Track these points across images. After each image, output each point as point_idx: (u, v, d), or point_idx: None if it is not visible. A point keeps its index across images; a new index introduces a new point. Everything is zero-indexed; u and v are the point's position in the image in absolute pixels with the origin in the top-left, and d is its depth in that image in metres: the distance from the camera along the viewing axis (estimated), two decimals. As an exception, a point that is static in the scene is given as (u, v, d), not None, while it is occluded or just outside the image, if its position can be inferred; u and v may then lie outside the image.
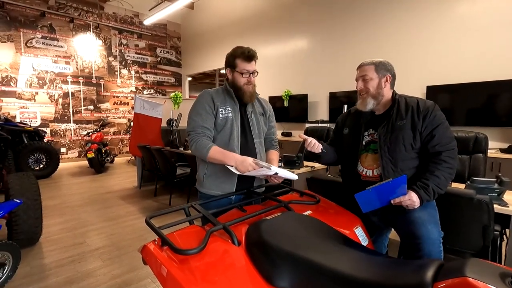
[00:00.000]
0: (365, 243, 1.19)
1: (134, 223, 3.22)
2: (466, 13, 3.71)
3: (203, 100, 1.49)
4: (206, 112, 1.46)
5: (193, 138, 1.45)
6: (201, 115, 1.47)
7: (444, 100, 3.82)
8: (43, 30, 6.72)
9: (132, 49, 8.21)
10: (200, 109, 1.48)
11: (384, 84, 1.39)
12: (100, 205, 3.88)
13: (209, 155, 1.40)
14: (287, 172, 1.38)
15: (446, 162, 1.27)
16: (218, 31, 7.60)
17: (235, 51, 1.49)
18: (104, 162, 6.35)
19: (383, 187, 1.20)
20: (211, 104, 1.48)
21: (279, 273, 0.88)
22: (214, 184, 1.49)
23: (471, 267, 0.67)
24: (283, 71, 6.06)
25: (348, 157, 1.49)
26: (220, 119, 1.48)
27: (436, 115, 1.30)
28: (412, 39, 4.20)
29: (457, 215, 1.56)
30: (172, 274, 0.86)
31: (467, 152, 2.22)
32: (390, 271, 0.81)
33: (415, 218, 1.25)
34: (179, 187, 4.47)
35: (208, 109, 1.47)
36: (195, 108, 1.50)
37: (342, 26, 5.03)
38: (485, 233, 1.53)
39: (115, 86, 7.95)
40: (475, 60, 3.67)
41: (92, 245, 2.68)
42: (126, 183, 5.15)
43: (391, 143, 1.33)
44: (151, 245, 0.99)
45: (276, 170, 1.30)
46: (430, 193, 1.24)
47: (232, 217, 1.16)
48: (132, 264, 2.33)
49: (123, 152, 8.13)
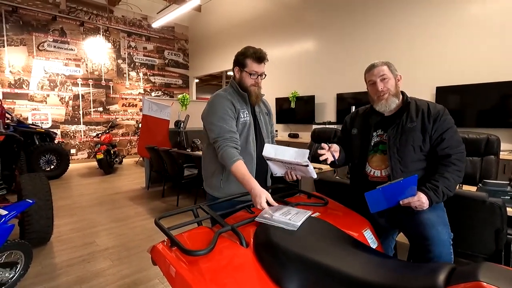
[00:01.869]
0: (374, 245, 1.18)
1: (143, 224, 3.25)
2: (478, 13, 3.65)
3: (224, 104, 1.43)
4: (229, 116, 1.42)
5: (221, 145, 1.36)
6: (225, 120, 1.40)
7: (454, 101, 3.76)
8: (55, 34, 6.87)
9: (140, 52, 8.33)
10: (223, 113, 1.41)
11: (397, 83, 1.40)
12: (109, 206, 3.93)
13: (231, 169, 1.33)
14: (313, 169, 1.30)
15: (455, 164, 1.27)
16: (225, 33, 7.64)
17: (246, 50, 1.47)
18: (112, 163, 6.43)
19: (393, 187, 1.19)
20: (232, 108, 1.44)
21: (287, 275, 0.88)
22: (232, 188, 1.46)
23: (485, 272, 0.66)
24: (290, 73, 6.05)
25: (357, 157, 1.48)
26: (240, 123, 1.45)
27: (446, 119, 1.31)
28: (421, 40, 4.15)
29: (469, 219, 1.53)
30: (181, 275, 0.87)
31: (479, 154, 2.18)
32: (401, 274, 0.80)
33: (424, 220, 1.24)
34: (186, 188, 4.50)
35: (231, 113, 1.43)
36: (216, 113, 1.42)
37: (349, 28, 5.00)
38: (497, 237, 1.50)
39: (123, 88, 8.07)
40: (486, 60, 3.60)
41: (101, 245, 2.72)
42: (134, 184, 5.21)
43: (401, 145, 1.33)
44: (160, 246, 1.00)
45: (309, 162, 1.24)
46: (440, 195, 1.23)
47: (240, 218, 1.16)
48: (140, 264, 2.35)
49: (131, 153, 8.23)
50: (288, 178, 1.41)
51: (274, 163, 1.38)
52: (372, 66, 1.41)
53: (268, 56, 1.52)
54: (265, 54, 1.47)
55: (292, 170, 1.36)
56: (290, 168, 1.35)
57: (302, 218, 1.08)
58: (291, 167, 1.35)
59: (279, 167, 1.39)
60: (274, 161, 1.36)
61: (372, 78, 1.40)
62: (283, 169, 1.39)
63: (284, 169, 1.39)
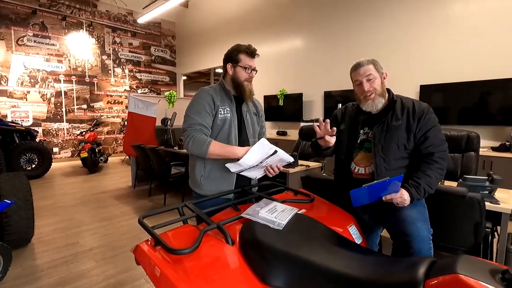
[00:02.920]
0: (359, 241, 1.20)
1: (129, 223, 3.19)
2: (460, 13, 3.75)
3: (203, 100, 1.44)
4: (205, 111, 1.42)
5: (190, 134, 1.38)
6: (200, 114, 1.41)
7: (437, 99, 3.86)
8: (35, 28, 6.62)
9: (126, 48, 8.14)
10: (200, 108, 1.42)
11: (383, 82, 1.41)
12: (93, 205, 3.84)
13: (209, 151, 1.34)
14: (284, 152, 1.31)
15: (437, 163, 1.30)
16: (213, 29, 7.57)
17: (239, 46, 1.49)
18: (97, 162, 6.28)
19: (378, 185, 1.21)
20: (211, 104, 1.44)
21: (273, 272, 0.88)
22: (213, 185, 1.47)
23: (462, 264, 0.68)
24: (278, 70, 6.06)
25: (343, 154, 1.49)
26: (219, 119, 1.45)
27: (430, 118, 1.34)
28: (405, 39, 4.23)
29: (450, 213, 1.58)
30: (165, 274, 0.85)
31: (460, 151, 2.25)
32: (383, 269, 0.82)
33: (405, 216, 1.27)
34: (174, 186, 4.44)
35: (209, 109, 1.43)
36: (194, 107, 1.44)
37: (336, 26, 5.04)
38: (477, 230, 1.55)
39: (108, 85, 7.87)
40: (468, 59, 3.71)
41: (85, 246, 2.65)
42: (120, 182, 5.10)
43: (386, 142, 1.35)
44: (144, 245, 0.98)
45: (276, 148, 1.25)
46: (421, 192, 1.26)
47: (226, 216, 1.15)
48: (126, 264, 2.31)
49: (117, 151, 8.06)
50: (270, 175, 1.42)
51: (248, 171, 1.39)
52: (358, 65, 1.40)
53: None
54: (256, 49, 1.50)
55: (268, 166, 1.38)
56: (265, 166, 1.36)
57: (288, 216, 1.08)
58: (265, 164, 1.36)
59: (254, 171, 1.41)
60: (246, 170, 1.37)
61: (358, 78, 1.40)
62: (260, 170, 1.41)
63: (260, 170, 1.42)
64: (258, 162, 1.33)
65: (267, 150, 1.26)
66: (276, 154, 1.28)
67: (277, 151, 1.26)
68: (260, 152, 1.28)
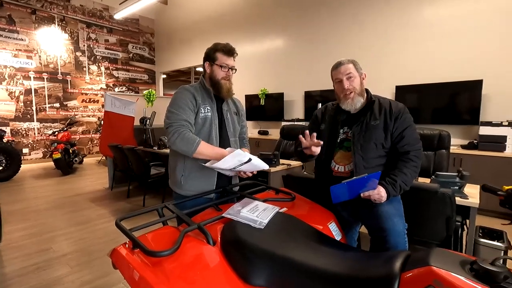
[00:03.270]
0: (339, 237, 1.22)
1: (106, 226, 3.08)
2: (431, 18, 3.93)
3: (186, 96, 1.42)
4: (189, 108, 1.40)
5: (177, 130, 1.33)
6: (184, 109, 1.39)
7: (412, 99, 4.02)
8: (1, 22, 6.23)
9: (101, 44, 7.84)
10: (183, 104, 1.40)
11: (362, 82, 1.45)
12: (68, 209, 3.67)
13: (198, 151, 1.32)
14: (259, 160, 1.33)
15: (412, 161, 1.36)
16: (193, 27, 7.46)
17: (216, 45, 1.48)
18: (72, 163, 6.02)
19: (357, 181, 1.24)
20: (193, 102, 1.43)
21: (254, 271, 0.88)
22: (193, 185, 1.45)
23: (435, 257, 0.71)
24: (259, 70, 6.07)
25: (323, 153, 1.51)
26: (200, 118, 1.44)
27: (406, 118, 1.40)
28: (381, 42, 4.38)
29: (424, 208, 1.65)
30: (144, 278, 0.83)
31: (432, 149, 2.36)
32: (361, 264, 0.84)
33: (381, 212, 1.31)
34: (153, 187, 4.34)
35: (191, 106, 1.41)
36: (176, 103, 1.41)
37: (316, 27, 5.13)
38: (448, 224, 1.64)
39: (83, 83, 7.55)
40: (439, 62, 3.90)
41: (59, 251, 2.53)
42: (97, 184, 4.91)
43: (364, 141, 1.39)
44: (122, 249, 0.95)
45: (250, 156, 1.27)
46: (397, 189, 1.31)
47: (208, 216, 1.14)
48: (103, 269, 2.23)
49: (93, 152, 7.75)
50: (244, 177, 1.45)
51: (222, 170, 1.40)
52: (339, 64, 1.44)
53: (238, 53, 1.53)
54: (234, 48, 1.49)
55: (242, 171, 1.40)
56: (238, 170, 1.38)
57: (269, 215, 1.09)
58: (239, 170, 1.37)
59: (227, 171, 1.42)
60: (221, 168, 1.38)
61: (339, 76, 1.43)
62: (233, 172, 1.43)
63: (234, 172, 1.43)
64: (232, 168, 1.34)
65: (242, 158, 1.27)
66: (250, 162, 1.29)
67: (251, 159, 1.28)
68: (235, 160, 1.29)
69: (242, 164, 1.31)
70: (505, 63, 3.44)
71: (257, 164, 1.33)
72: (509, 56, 3.42)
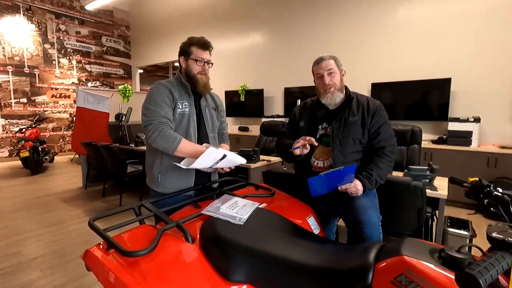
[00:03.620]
0: (317, 231, 1.25)
1: (80, 227, 2.95)
2: (405, 20, 4.08)
3: (162, 92, 1.39)
4: (166, 104, 1.37)
5: (157, 128, 1.31)
6: (162, 106, 1.35)
7: (387, 96, 4.17)
8: (-42, 9, 5.74)
9: (72, 37, 7.44)
10: (159, 100, 1.36)
11: (342, 78, 1.49)
12: (38, 210, 3.48)
13: (179, 148, 1.30)
14: (234, 155, 1.33)
15: (388, 156, 1.42)
16: (171, 21, 7.26)
17: (191, 39, 1.45)
18: (41, 162, 5.70)
19: (334, 174, 1.28)
20: (170, 97, 1.39)
21: (234, 267, 0.88)
22: (171, 182, 1.43)
23: (407, 246, 0.75)
24: (239, 66, 6.03)
25: None
26: (177, 113, 1.40)
27: (382, 114, 1.46)
28: (359, 40, 4.49)
29: (397, 201, 1.72)
30: (120, 279, 0.80)
31: (405, 144, 2.46)
32: (338, 256, 0.86)
33: (358, 205, 1.36)
34: (130, 185, 4.20)
35: (168, 101, 1.38)
36: (153, 99, 1.37)
37: (296, 24, 5.16)
38: (419, 215, 1.72)
39: (53, 77, 7.14)
40: (412, 61, 4.06)
41: (28, 255, 2.39)
42: (70, 184, 4.69)
43: (343, 137, 1.43)
44: (95, 250, 0.92)
45: (224, 152, 1.26)
46: (373, 182, 1.36)
47: (186, 214, 1.12)
48: (77, 271, 2.14)
49: (65, 150, 7.39)
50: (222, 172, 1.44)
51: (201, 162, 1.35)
52: (321, 59, 1.48)
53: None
54: (209, 42, 1.46)
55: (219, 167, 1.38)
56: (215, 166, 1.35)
57: (249, 211, 1.09)
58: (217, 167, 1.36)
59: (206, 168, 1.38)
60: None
61: (320, 71, 1.47)
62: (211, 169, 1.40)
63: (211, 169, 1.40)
64: (209, 166, 1.32)
65: (216, 155, 1.26)
66: (226, 158, 1.28)
67: (226, 155, 1.27)
68: (210, 158, 1.27)
69: (217, 161, 1.29)
70: (471, 62, 3.65)
71: (233, 159, 1.32)
72: (475, 56, 3.62)
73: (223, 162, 1.32)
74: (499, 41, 3.46)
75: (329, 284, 0.78)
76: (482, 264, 0.56)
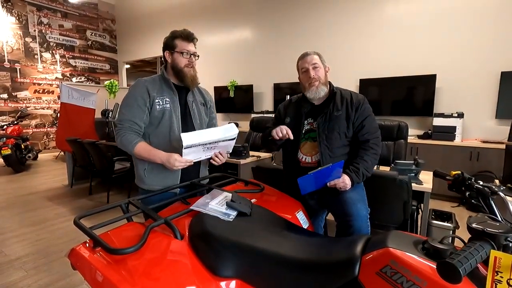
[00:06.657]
0: (306, 225, 1.26)
1: (66, 226, 2.89)
2: (392, 15, 4.13)
3: (136, 92, 1.38)
4: (137, 105, 1.36)
5: (119, 132, 1.37)
6: (132, 107, 1.37)
7: (374, 92, 4.23)
8: None
9: (55, 30, 7.19)
10: (132, 101, 1.37)
11: (326, 73, 1.51)
12: (21, 209, 3.38)
13: (134, 152, 1.35)
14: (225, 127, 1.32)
15: (372, 148, 1.44)
16: (159, 15, 7.11)
17: (174, 32, 1.43)
18: (25, 160, 5.53)
19: (322, 172, 1.29)
20: (145, 96, 1.37)
21: (223, 262, 0.88)
22: (156, 179, 1.41)
23: (392, 239, 0.76)
24: (228, 61, 5.98)
25: (290, 145, 1.55)
26: (157, 111, 1.38)
27: (365, 108, 1.48)
28: (347, 37, 4.52)
29: (383, 194, 1.76)
30: (107, 277, 0.79)
31: (392, 139, 2.51)
32: (326, 249, 0.88)
33: (346, 199, 1.38)
34: (118, 183, 4.13)
35: (141, 102, 1.37)
36: (126, 100, 1.40)
37: (285, 20, 5.15)
38: (405, 208, 1.77)
39: (35, 72, 6.90)
40: (398, 57, 4.12)
41: (11, 255, 2.33)
42: (55, 182, 4.57)
43: (329, 132, 1.45)
44: (81, 248, 0.90)
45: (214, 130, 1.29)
46: (360, 175, 1.39)
47: (175, 210, 1.11)
48: (63, 271, 2.09)
49: (49, 147, 7.18)
50: (217, 162, 1.41)
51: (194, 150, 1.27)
52: (305, 54, 1.51)
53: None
54: (193, 33, 1.43)
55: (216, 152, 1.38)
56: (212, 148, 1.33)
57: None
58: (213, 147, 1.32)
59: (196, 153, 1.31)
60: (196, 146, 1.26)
61: (305, 66, 1.49)
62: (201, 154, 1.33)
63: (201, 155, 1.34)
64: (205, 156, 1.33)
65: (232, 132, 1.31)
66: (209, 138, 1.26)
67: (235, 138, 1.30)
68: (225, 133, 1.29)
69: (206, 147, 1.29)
70: (455, 59, 3.74)
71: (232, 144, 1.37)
72: (459, 53, 3.71)
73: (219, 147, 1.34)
74: (483, 39, 3.56)
75: (317, 276, 0.80)
76: (462, 254, 0.58)
